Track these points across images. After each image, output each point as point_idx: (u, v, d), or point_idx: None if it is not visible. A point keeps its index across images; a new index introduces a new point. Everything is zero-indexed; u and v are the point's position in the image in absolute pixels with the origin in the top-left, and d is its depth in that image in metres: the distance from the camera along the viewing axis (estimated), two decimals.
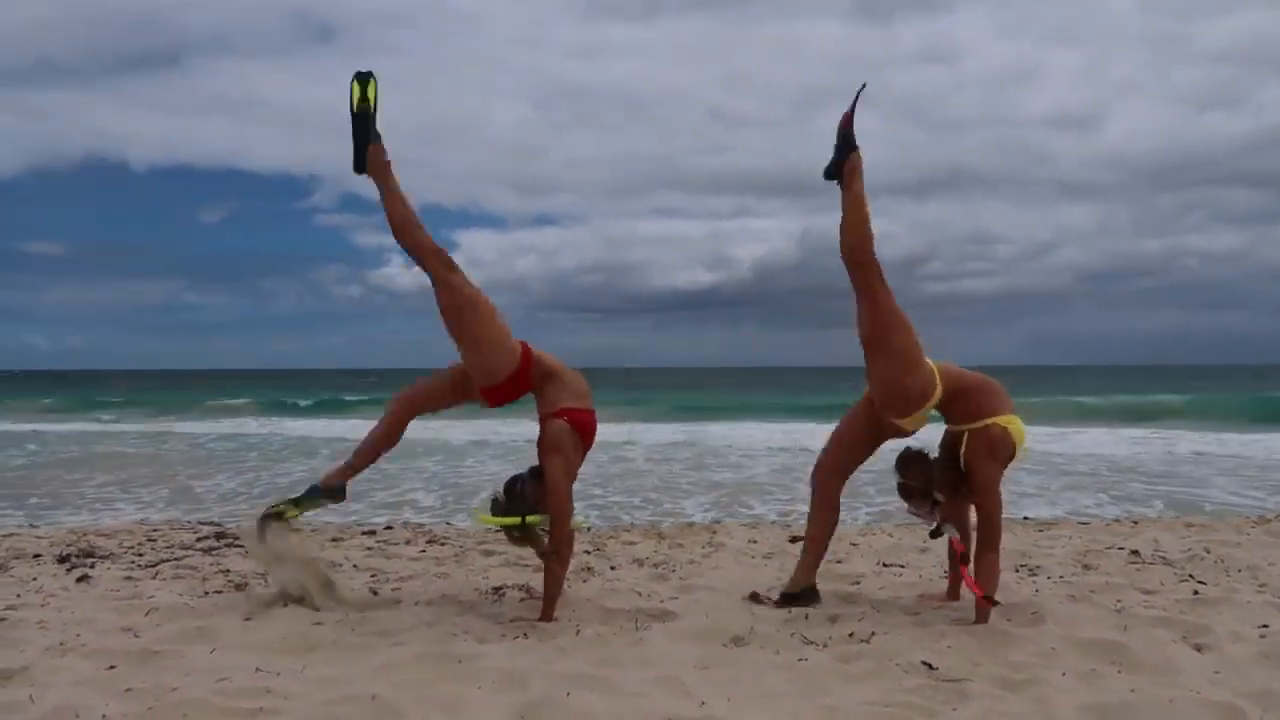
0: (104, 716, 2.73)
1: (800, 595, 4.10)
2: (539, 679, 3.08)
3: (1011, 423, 3.87)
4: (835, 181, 4.01)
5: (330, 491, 4.14)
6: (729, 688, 3.04)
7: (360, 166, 4.02)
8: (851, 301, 3.91)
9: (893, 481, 4.03)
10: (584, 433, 3.98)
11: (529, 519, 3.90)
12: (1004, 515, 3.94)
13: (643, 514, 8.36)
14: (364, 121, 4.00)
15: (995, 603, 3.78)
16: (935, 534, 4.01)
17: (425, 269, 3.96)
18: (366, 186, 4.06)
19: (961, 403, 3.88)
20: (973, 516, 4.01)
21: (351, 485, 4.22)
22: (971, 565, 3.89)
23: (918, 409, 3.89)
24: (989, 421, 3.84)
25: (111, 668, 3.20)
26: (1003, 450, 3.86)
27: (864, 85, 4.06)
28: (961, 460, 3.89)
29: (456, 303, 3.91)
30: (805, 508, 4.41)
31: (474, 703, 2.89)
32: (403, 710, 2.81)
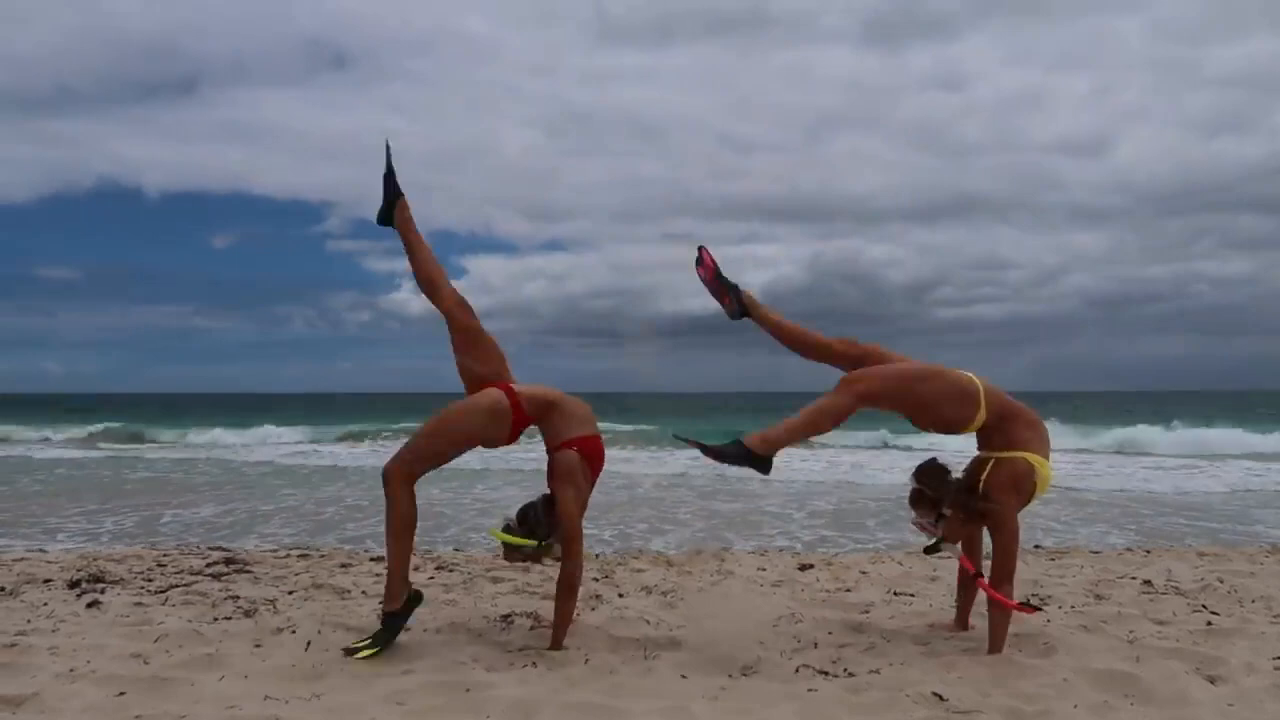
0: None
1: (760, 460, 3.72)
2: (548, 709, 3.08)
3: (1041, 465, 3.85)
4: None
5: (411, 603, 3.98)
6: (738, 717, 3.03)
7: (386, 219, 4.32)
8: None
9: (899, 513, 4.02)
10: (592, 459, 4.00)
11: (543, 544, 3.91)
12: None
13: (651, 541, 8.33)
14: (392, 179, 4.31)
15: (1036, 609, 3.85)
16: (931, 550, 3.98)
17: (448, 318, 4.15)
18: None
19: (1000, 430, 3.87)
20: (986, 545, 4.00)
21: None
22: (986, 579, 3.87)
23: (963, 428, 3.88)
24: (1020, 455, 3.83)
25: (121, 694, 3.21)
26: (1025, 485, 3.83)
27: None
28: (981, 486, 3.87)
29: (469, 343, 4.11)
30: (810, 537, 4.39)
31: None
32: None
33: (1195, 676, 3.47)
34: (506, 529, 3.98)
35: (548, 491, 3.97)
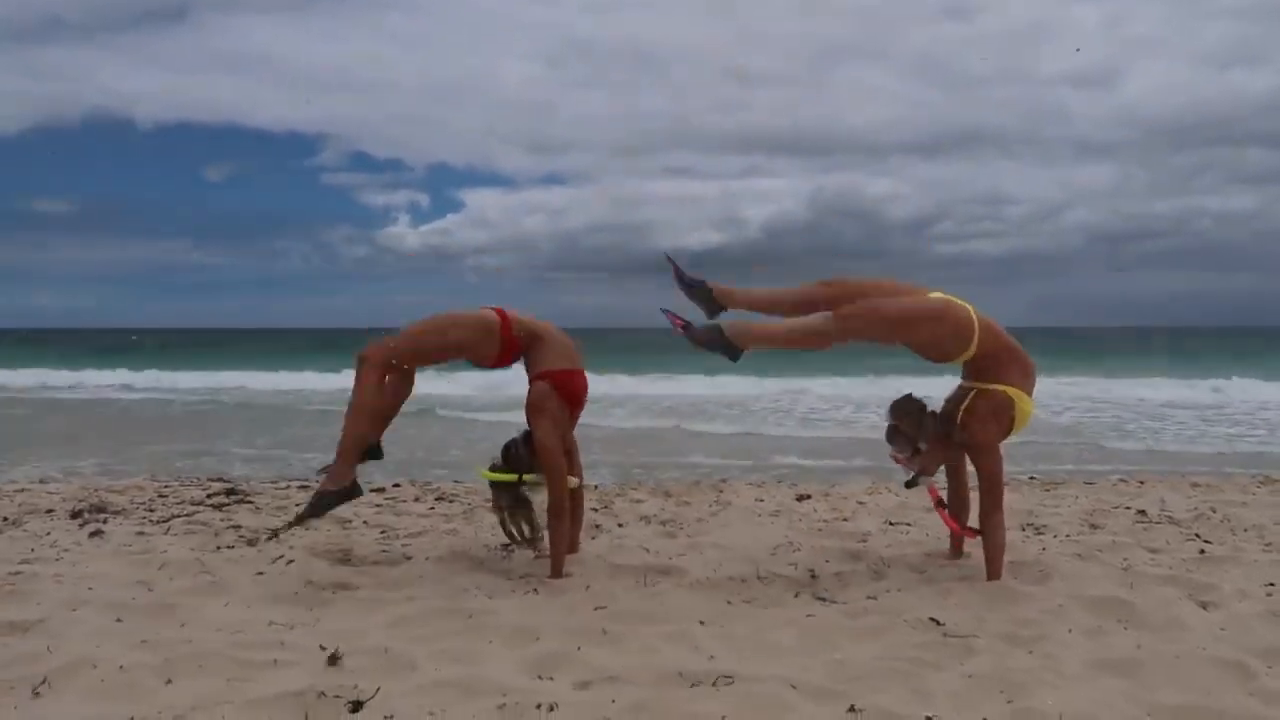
0: (121, 667, 2.77)
1: (732, 349, 3.73)
2: (550, 634, 3.11)
3: (1021, 399, 3.83)
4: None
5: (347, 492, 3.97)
6: (738, 642, 3.06)
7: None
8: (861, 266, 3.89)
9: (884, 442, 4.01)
10: (569, 392, 3.97)
11: (526, 477, 3.94)
12: (1009, 473, 3.94)
13: (649, 473, 8.39)
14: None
15: (977, 532, 3.83)
16: (910, 484, 3.99)
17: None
18: (375, 145, 4.12)
19: (986, 364, 3.84)
20: (972, 479, 4.01)
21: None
22: (966, 520, 3.89)
23: (951, 360, 3.85)
24: (1000, 388, 3.82)
25: (126, 621, 3.24)
26: (1004, 417, 3.82)
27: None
28: (960, 416, 3.86)
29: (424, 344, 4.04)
30: (809, 463, 4.39)
31: (486, 656, 2.92)
32: (415, 663, 2.84)
33: (1188, 602, 3.51)
34: (492, 468, 4.00)
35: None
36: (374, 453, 4.12)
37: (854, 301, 3.72)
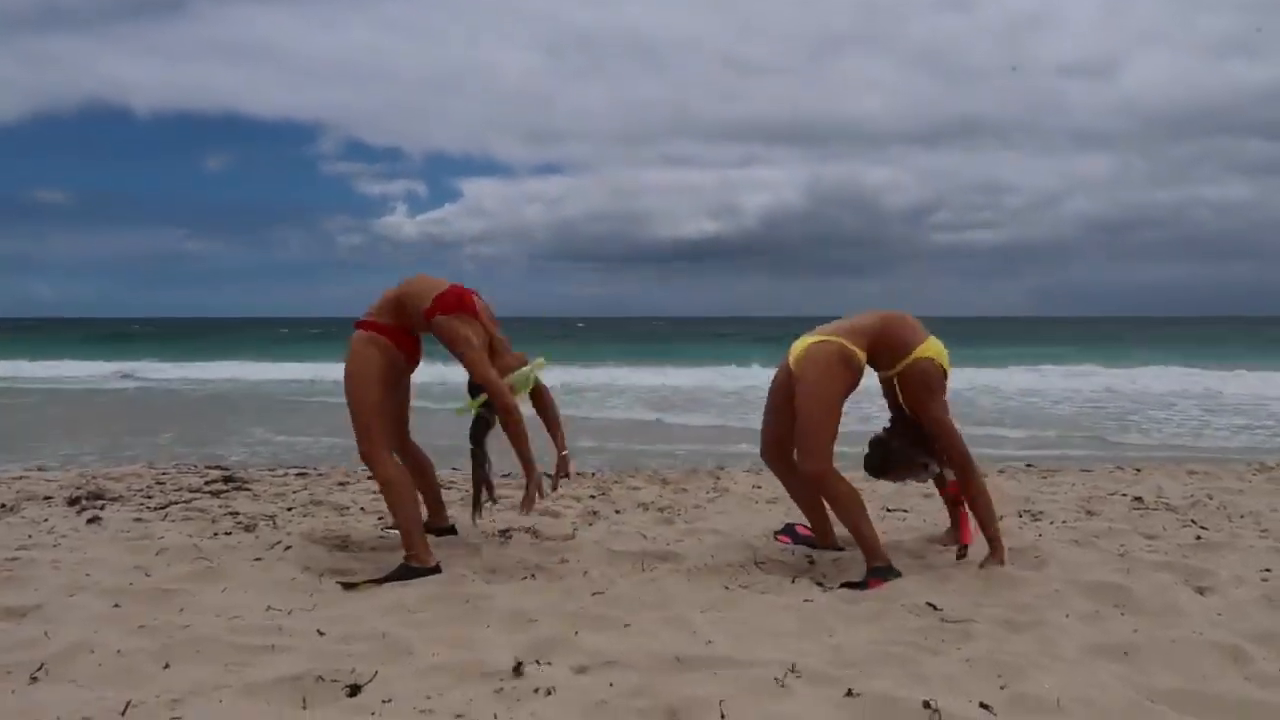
0: (119, 652, 2.77)
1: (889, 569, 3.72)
2: (547, 619, 3.12)
3: (929, 348, 3.78)
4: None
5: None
6: (735, 627, 3.07)
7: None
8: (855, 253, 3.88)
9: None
10: (458, 303, 3.83)
11: (471, 404, 3.89)
12: (1005, 460, 3.94)
13: (646, 460, 8.40)
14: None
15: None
16: (941, 481, 4.02)
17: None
18: (373, 134, 4.04)
19: (880, 349, 3.80)
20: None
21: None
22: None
23: (865, 375, 3.85)
24: (910, 359, 3.76)
25: (123, 606, 3.24)
26: (935, 380, 3.78)
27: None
28: (904, 405, 3.85)
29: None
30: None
31: (483, 641, 2.92)
32: (412, 648, 2.84)
33: (1185, 588, 3.52)
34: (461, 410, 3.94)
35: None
36: (448, 530, 4.31)
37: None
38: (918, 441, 3.87)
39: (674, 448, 9.36)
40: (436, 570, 3.72)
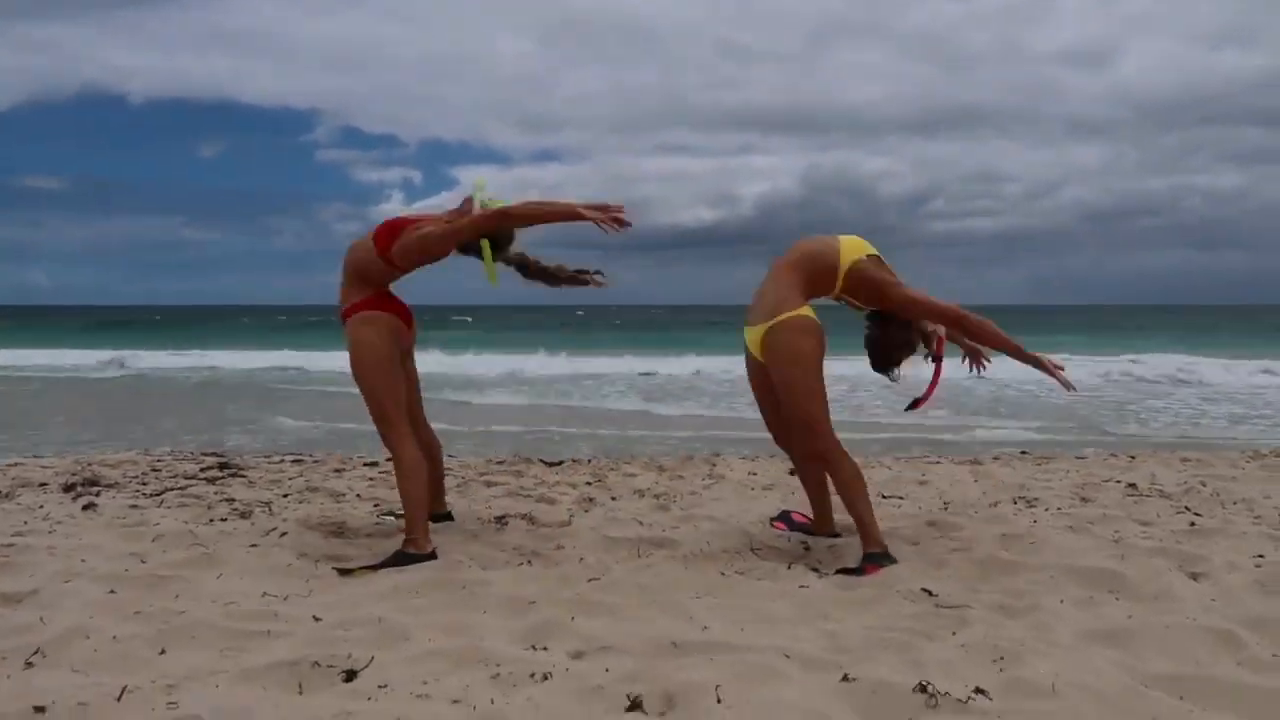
0: (114, 637, 2.76)
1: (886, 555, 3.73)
2: (544, 604, 3.12)
3: (850, 252, 3.75)
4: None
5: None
6: (731, 613, 3.07)
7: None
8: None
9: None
10: (400, 223, 3.83)
11: (489, 254, 3.77)
12: (1001, 449, 3.94)
13: (641, 447, 8.40)
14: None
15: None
16: (929, 342, 3.95)
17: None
18: (368, 121, 3.95)
19: (815, 286, 3.79)
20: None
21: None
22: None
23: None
24: (843, 274, 3.75)
25: (119, 592, 3.24)
26: (874, 274, 3.76)
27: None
28: (865, 307, 3.87)
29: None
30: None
31: (480, 626, 2.92)
32: (409, 633, 2.84)
33: (1178, 574, 3.53)
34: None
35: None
36: (445, 516, 4.32)
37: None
38: (899, 322, 3.85)
39: (670, 434, 9.37)
40: (432, 557, 3.72)
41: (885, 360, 3.92)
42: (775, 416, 4.04)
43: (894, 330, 3.87)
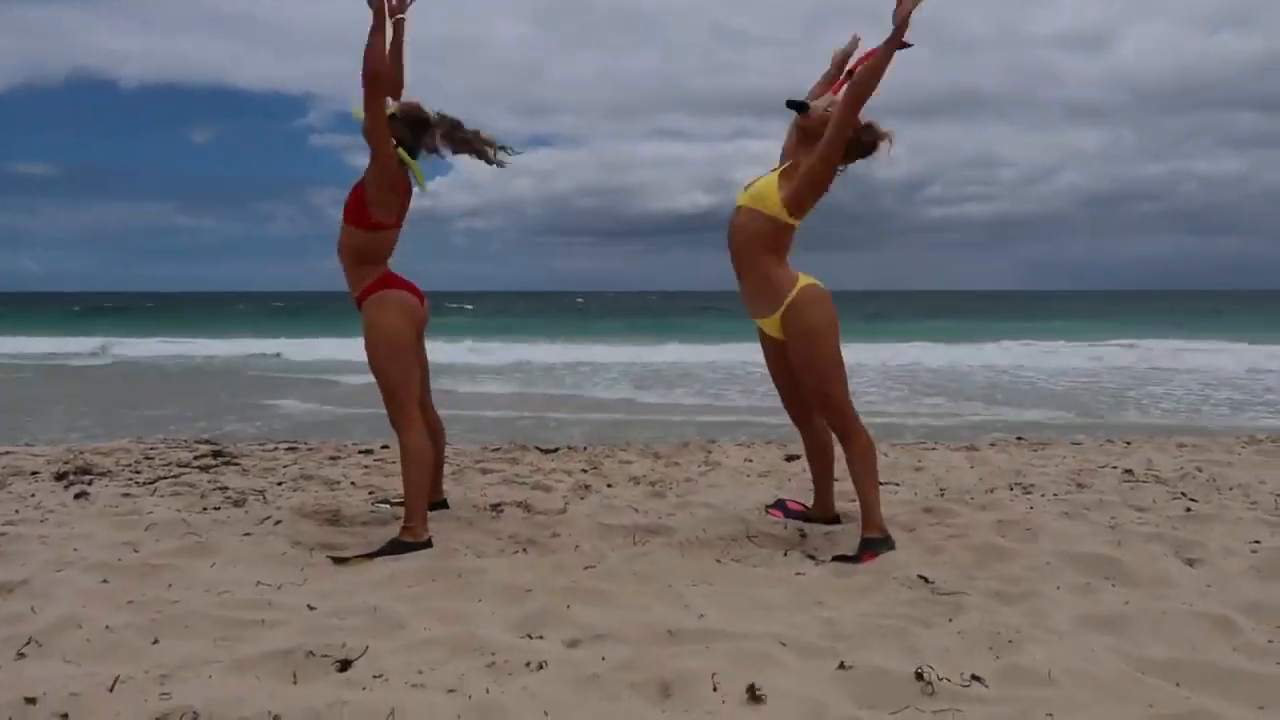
0: (107, 627, 2.75)
1: (886, 540, 3.74)
2: (539, 592, 3.11)
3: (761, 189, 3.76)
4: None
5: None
6: (728, 600, 3.07)
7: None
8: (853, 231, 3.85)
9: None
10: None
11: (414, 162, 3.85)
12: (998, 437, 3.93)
13: (636, 434, 8.39)
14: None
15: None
16: (798, 105, 3.82)
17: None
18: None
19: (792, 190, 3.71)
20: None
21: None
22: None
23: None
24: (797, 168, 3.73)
25: (111, 582, 3.22)
26: (811, 131, 3.76)
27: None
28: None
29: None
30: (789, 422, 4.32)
31: (475, 615, 2.91)
32: (404, 621, 2.83)
33: (1174, 560, 3.53)
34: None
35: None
36: (440, 504, 4.30)
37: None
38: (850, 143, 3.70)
39: (665, 418, 9.36)
40: (428, 546, 3.70)
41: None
42: (793, 395, 4.05)
43: (855, 153, 3.75)
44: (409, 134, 3.83)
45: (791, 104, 3.82)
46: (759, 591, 3.17)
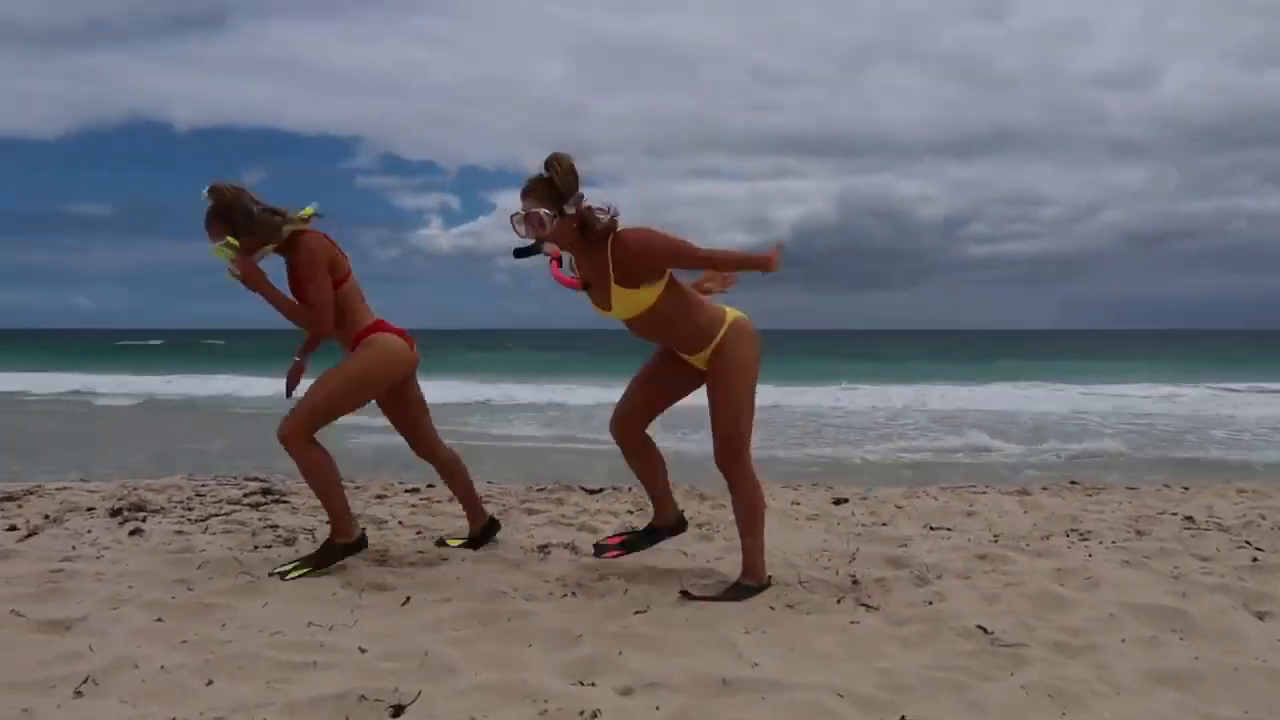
0: (162, 667, 2.76)
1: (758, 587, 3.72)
2: (590, 638, 3.07)
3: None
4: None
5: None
6: (781, 649, 3.01)
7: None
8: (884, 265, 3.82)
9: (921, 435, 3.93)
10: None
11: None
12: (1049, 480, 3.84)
13: (680, 475, 8.32)
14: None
15: None
16: (524, 252, 3.54)
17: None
18: (408, 148, 4.02)
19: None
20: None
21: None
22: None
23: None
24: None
25: (166, 620, 3.24)
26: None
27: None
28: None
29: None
30: (828, 452, 4.30)
31: (526, 660, 2.89)
32: (455, 666, 2.81)
33: (1243, 612, 3.42)
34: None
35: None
36: (493, 524, 4.58)
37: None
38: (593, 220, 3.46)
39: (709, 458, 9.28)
40: (362, 543, 4.03)
41: (573, 178, 3.52)
42: (636, 403, 3.98)
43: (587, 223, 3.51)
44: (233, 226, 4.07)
45: (520, 253, 3.55)
46: (812, 639, 3.11)
